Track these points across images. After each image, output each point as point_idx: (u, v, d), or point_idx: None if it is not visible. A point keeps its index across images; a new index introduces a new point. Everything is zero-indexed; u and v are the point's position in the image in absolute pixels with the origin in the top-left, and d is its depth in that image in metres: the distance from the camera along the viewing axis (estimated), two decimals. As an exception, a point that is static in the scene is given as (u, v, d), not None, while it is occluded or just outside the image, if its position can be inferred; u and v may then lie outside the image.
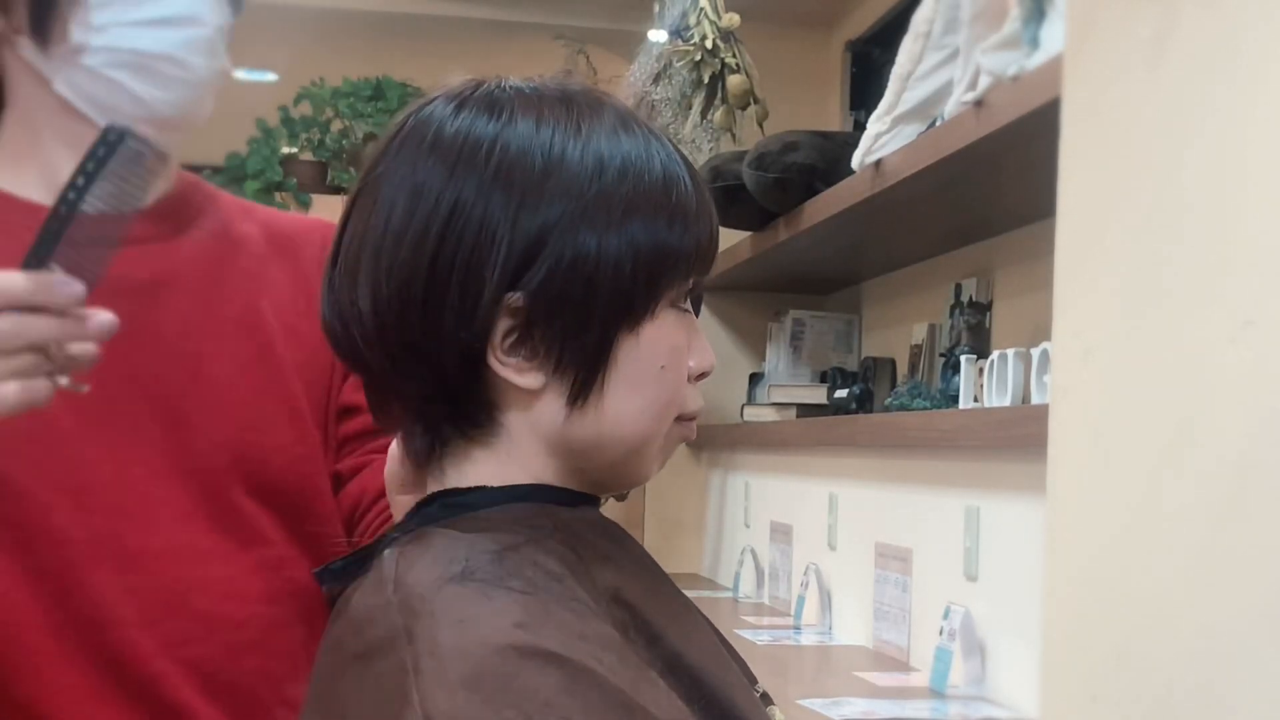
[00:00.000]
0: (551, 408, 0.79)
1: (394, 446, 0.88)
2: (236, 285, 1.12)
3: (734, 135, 2.82)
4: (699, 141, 2.84)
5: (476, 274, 0.76)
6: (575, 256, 0.76)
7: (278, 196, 4.21)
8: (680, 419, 0.83)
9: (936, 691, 1.91)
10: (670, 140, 0.83)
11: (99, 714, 1.01)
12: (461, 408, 0.80)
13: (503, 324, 0.77)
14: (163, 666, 1.03)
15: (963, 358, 2.01)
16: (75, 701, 1.00)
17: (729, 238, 2.82)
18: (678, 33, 2.83)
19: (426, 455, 0.82)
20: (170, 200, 1.11)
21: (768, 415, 2.88)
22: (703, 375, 0.84)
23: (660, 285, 0.79)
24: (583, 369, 0.78)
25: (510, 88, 0.81)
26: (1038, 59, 1.50)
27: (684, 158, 0.82)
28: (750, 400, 3.11)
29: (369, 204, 0.79)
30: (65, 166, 0.89)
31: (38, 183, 1.04)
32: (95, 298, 0.90)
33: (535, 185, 0.76)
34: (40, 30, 1.01)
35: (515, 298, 0.76)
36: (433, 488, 0.83)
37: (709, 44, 2.76)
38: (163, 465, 1.05)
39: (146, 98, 1.02)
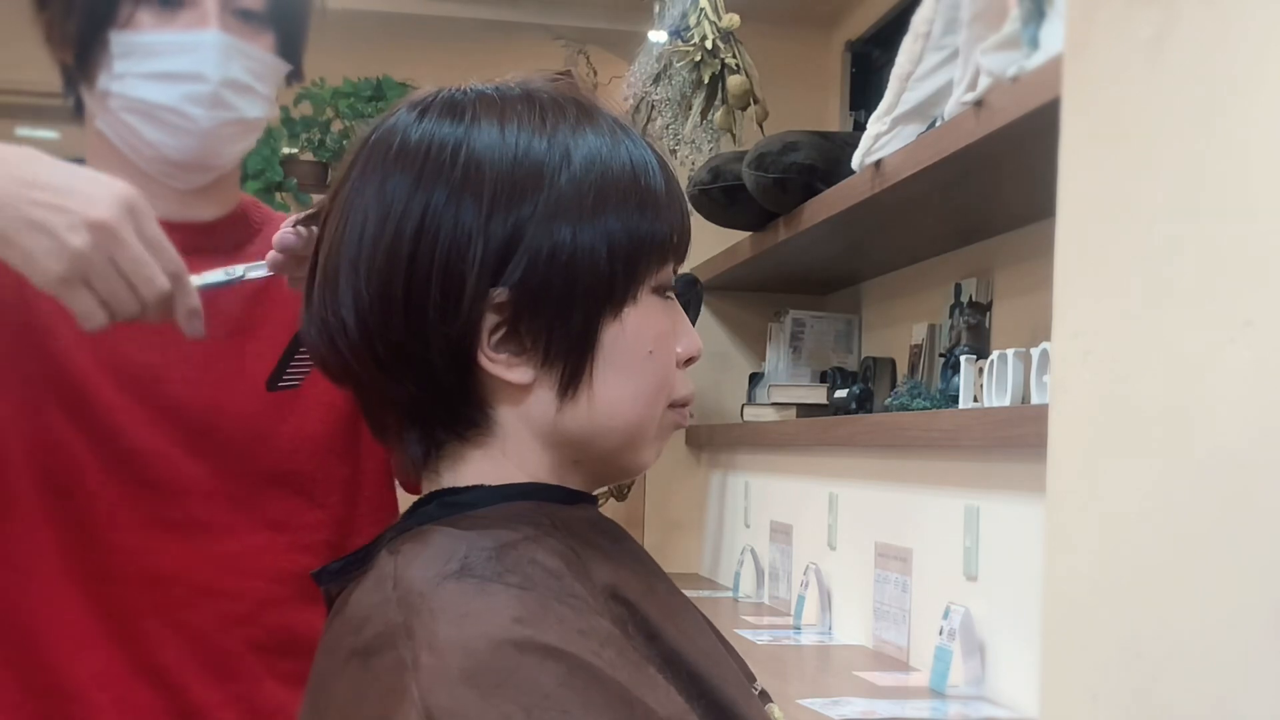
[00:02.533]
0: (543, 401, 0.79)
1: None
2: (280, 290, 1.17)
3: (734, 135, 2.81)
4: (699, 141, 2.84)
5: (455, 272, 0.76)
6: (552, 249, 0.77)
7: (278, 196, 4.21)
8: (673, 405, 0.84)
9: (936, 691, 1.91)
10: (636, 130, 0.84)
11: (88, 658, 1.10)
12: (454, 409, 0.80)
13: (488, 321, 0.77)
14: (152, 626, 1.12)
15: (962, 358, 2.01)
16: (69, 641, 1.10)
17: (729, 238, 2.82)
18: (678, 33, 2.83)
19: (423, 459, 0.83)
20: (231, 218, 1.21)
21: (768, 415, 2.88)
22: (690, 360, 0.85)
23: (638, 270, 0.80)
24: (570, 359, 0.78)
25: (471, 90, 0.82)
26: (1038, 59, 1.50)
27: (652, 146, 0.83)
28: (750, 400, 3.11)
29: (341, 219, 0.80)
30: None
31: None
32: None
33: (504, 183, 0.77)
34: (85, 71, 1.13)
35: (499, 293, 0.76)
36: (429, 489, 0.83)
37: (709, 44, 2.76)
38: (197, 444, 1.14)
39: (155, 142, 1.12)
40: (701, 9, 2.78)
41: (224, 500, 1.15)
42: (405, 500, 1.33)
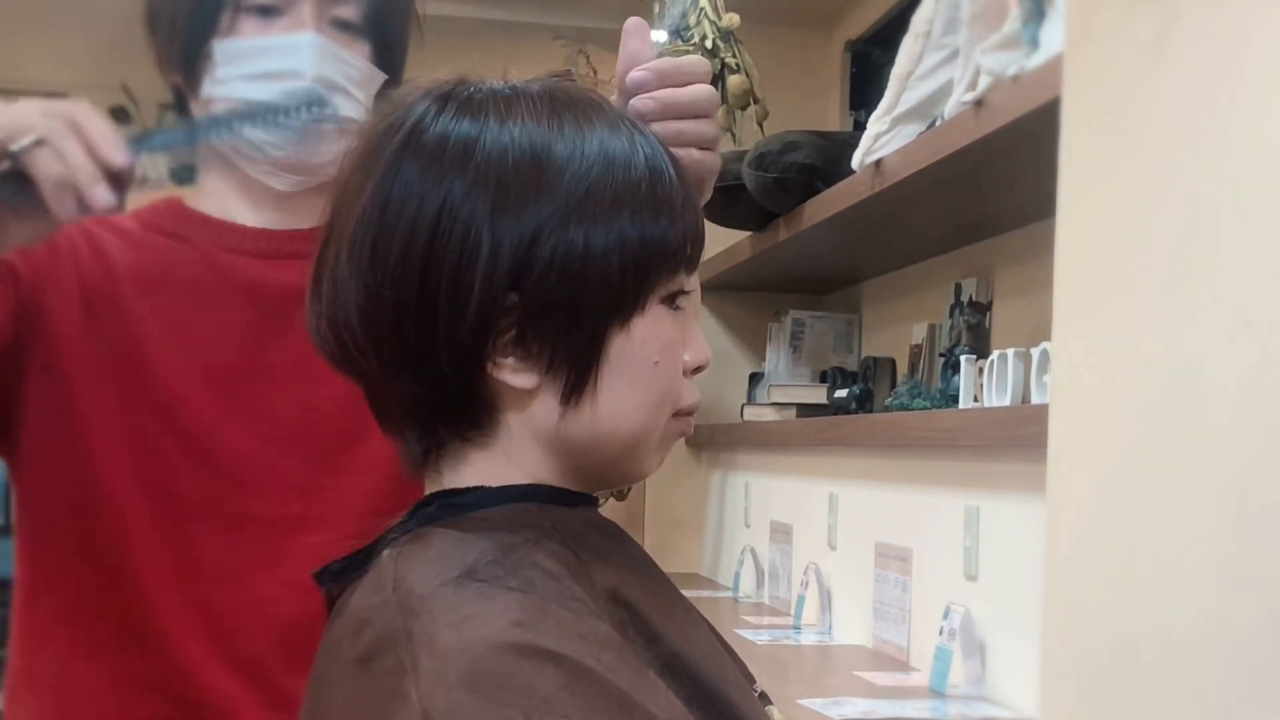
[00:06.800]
0: (546, 406, 0.79)
1: None
2: None
3: (734, 135, 2.81)
4: (699, 141, 2.84)
5: (469, 277, 0.75)
6: (564, 254, 0.76)
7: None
8: (677, 414, 0.83)
9: (936, 691, 1.91)
10: (654, 135, 0.83)
11: (183, 649, 1.14)
12: (457, 409, 0.79)
13: (499, 325, 0.76)
14: (242, 621, 1.15)
15: (963, 358, 2.01)
16: (165, 634, 1.14)
17: (729, 238, 2.82)
18: (678, 33, 2.82)
19: (423, 458, 0.82)
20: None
21: (768, 415, 2.88)
22: (698, 369, 0.84)
23: (649, 279, 0.79)
24: (575, 367, 0.78)
25: (489, 88, 0.81)
26: (1038, 59, 1.50)
27: (668, 151, 0.82)
28: (750, 400, 3.11)
29: (350, 215, 0.79)
30: (229, 195, 1.19)
31: (217, 209, 1.21)
32: (246, 294, 1.16)
33: (520, 185, 0.76)
34: (192, 85, 1.19)
35: (511, 298, 0.76)
36: (431, 489, 0.83)
37: (709, 44, 2.76)
38: (287, 440, 1.17)
39: (257, 141, 1.16)
40: (701, 9, 2.78)
41: (317, 495, 1.17)
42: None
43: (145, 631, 1.14)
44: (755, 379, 3.17)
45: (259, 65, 1.15)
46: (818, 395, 2.79)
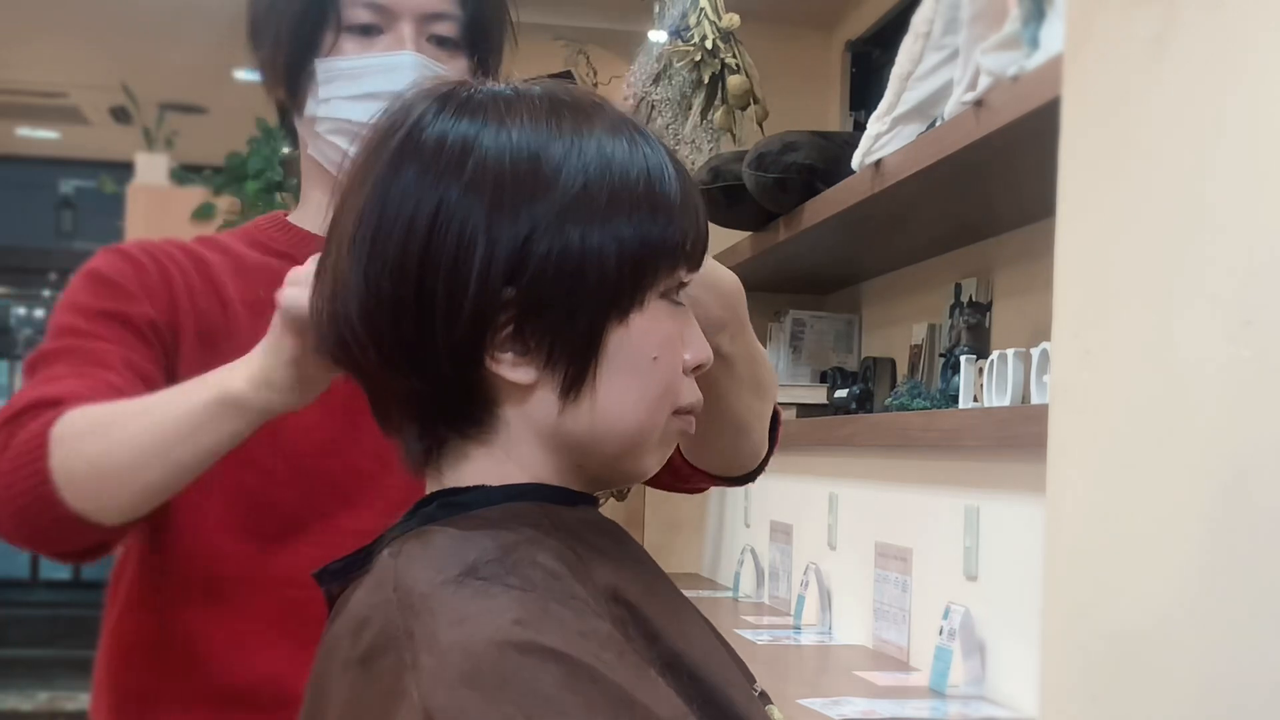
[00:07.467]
0: (545, 402, 0.79)
1: None
2: None
3: (734, 135, 2.81)
4: (699, 141, 2.84)
5: (465, 272, 0.76)
6: (561, 251, 0.76)
7: (278, 196, 4.21)
8: (677, 412, 0.83)
9: (936, 691, 1.91)
10: (654, 135, 0.83)
11: (279, 660, 1.14)
12: (457, 405, 0.80)
13: (496, 320, 0.77)
14: None
15: (963, 358, 2.01)
16: (260, 647, 1.15)
17: (729, 238, 2.82)
18: (678, 33, 2.82)
19: (424, 456, 0.83)
20: None
21: (768, 415, 2.88)
22: (699, 367, 0.84)
23: (646, 276, 0.79)
24: (573, 361, 0.78)
25: (490, 90, 0.81)
26: (1038, 59, 1.50)
27: (669, 151, 0.82)
28: (750, 400, 3.11)
29: (352, 212, 0.80)
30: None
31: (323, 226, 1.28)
32: None
33: (516, 186, 0.77)
34: (295, 102, 1.22)
35: (508, 292, 0.76)
36: (431, 488, 0.83)
37: (709, 44, 2.76)
38: (387, 456, 1.18)
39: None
40: (701, 9, 2.78)
41: None
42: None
43: (235, 643, 1.15)
44: (755, 379, 3.17)
45: (360, 86, 1.17)
46: (818, 395, 2.79)
